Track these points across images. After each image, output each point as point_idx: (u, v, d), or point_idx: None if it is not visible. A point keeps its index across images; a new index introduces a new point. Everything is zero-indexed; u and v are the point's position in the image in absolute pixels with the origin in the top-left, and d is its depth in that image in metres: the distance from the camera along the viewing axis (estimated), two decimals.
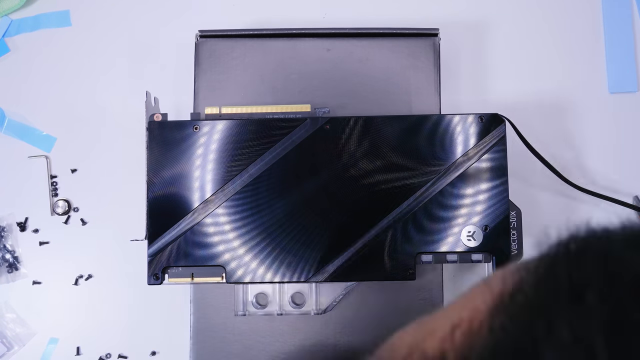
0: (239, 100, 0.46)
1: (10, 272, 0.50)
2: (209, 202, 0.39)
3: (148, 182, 0.39)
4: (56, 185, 0.51)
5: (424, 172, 0.39)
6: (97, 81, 0.53)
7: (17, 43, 0.53)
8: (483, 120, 0.40)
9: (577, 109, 0.53)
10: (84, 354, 0.50)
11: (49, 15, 0.53)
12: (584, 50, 0.53)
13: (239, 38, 0.46)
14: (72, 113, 0.52)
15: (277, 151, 0.39)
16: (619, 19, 0.53)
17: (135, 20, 0.54)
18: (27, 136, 0.52)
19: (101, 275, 0.51)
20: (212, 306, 0.45)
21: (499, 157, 0.39)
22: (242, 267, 0.39)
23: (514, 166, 0.50)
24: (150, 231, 0.39)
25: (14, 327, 0.50)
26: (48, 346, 0.50)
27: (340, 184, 0.39)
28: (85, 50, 0.53)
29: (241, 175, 0.39)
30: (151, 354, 0.50)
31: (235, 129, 0.39)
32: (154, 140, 0.39)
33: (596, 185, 0.52)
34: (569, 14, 0.54)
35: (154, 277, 0.39)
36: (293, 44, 0.47)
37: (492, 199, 0.39)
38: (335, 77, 0.46)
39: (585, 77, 0.53)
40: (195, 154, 0.39)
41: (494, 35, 0.54)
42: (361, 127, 0.39)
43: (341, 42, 0.47)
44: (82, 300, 0.51)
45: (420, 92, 0.46)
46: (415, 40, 0.47)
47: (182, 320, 0.48)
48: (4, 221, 0.51)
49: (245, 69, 0.46)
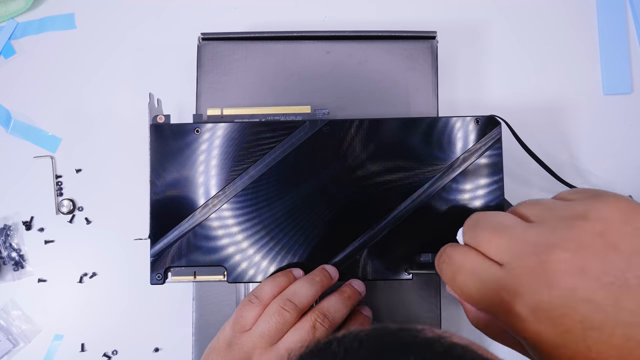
0: (241, 102, 0.46)
1: (16, 270, 0.51)
2: (210, 203, 0.39)
3: (151, 184, 0.39)
4: (61, 185, 0.52)
5: (421, 174, 0.39)
6: (102, 83, 0.53)
7: (23, 45, 0.53)
8: (479, 123, 0.39)
9: (572, 110, 0.53)
10: (89, 351, 0.50)
11: (54, 18, 0.54)
12: (579, 53, 0.54)
13: (240, 41, 0.46)
14: (77, 114, 0.53)
15: (277, 153, 0.39)
16: (614, 21, 0.54)
17: (139, 23, 0.54)
18: (32, 137, 0.52)
19: (105, 273, 0.51)
20: (214, 304, 0.45)
21: (495, 158, 0.39)
22: (243, 266, 0.39)
23: (510, 166, 0.50)
24: (153, 231, 0.39)
25: (19, 324, 0.51)
26: (53, 342, 0.50)
27: (339, 185, 0.39)
28: (90, 53, 0.53)
29: (242, 177, 0.39)
30: (154, 351, 0.51)
31: (235, 131, 0.39)
32: (156, 143, 0.39)
33: (591, 185, 0.52)
34: (564, 17, 0.54)
35: (156, 277, 0.39)
36: (293, 47, 0.47)
37: (487, 199, 0.39)
38: (335, 79, 0.46)
39: (580, 79, 0.53)
40: (196, 156, 0.39)
41: (490, 37, 0.54)
42: (359, 130, 0.39)
43: (341, 44, 0.47)
44: (86, 298, 0.51)
45: (418, 93, 0.46)
46: (414, 42, 0.47)
47: (185, 317, 0.49)
48: (10, 220, 0.51)
49: (246, 71, 0.46)
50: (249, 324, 0.36)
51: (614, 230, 0.24)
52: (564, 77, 0.53)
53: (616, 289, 0.23)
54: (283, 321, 0.35)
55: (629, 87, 0.53)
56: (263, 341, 0.35)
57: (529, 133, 0.52)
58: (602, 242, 0.24)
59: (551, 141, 0.52)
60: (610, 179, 0.52)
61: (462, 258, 0.29)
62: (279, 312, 0.35)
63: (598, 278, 0.24)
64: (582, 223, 0.25)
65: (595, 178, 0.52)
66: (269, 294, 0.36)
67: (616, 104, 0.53)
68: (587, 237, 0.25)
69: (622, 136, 0.53)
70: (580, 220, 0.25)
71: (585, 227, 0.25)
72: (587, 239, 0.25)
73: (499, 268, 0.27)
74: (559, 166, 0.52)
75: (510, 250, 0.27)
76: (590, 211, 0.26)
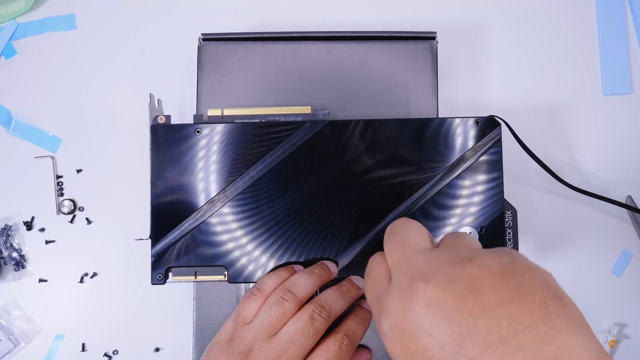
0: (241, 102, 0.46)
1: (17, 270, 0.51)
2: (211, 203, 0.39)
3: (151, 184, 0.39)
4: (62, 185, 0.52)
5: (421, 174, 0.39)
6: (102, 83, 0.53)
7: (24, 46, 0.54)
8: (479, 123, 0.40)
9: (571, 111, 0.53)
10: (89, 350, 0.51)
11: (54, 19, 0.54)
12: (579, 53, 0.54)
13: (240, 41, 0.46)
14: (77, 114, 0.53)
15: (277, 153, 0.39)
16: (613, 22, 0.54)
17: (140, 24, 0.54)
18: (33, 137, 0.52)
19: (106, 274, 0.51)
20: (214, 303, 0.45)
21: (495, 159, 0.39)
22: (243, 267, 0.39)
23: (510, 166, 0.50)
24: (154, 231, 0.39)
25: (20, 324, 0.51)
26: (54, 342, 0.51)
27: (340, 185, 0.39)
28: (91, 53, 0.53)
29: (242, 177, 0.39)
30: (155, 351, 0.51)
31: (236, 132, 0.39)
32: (157, 143, 0.39)
33: (590, 185, 0.52)
34: (564, 17, 0.54)
35: (157, 277, 0.39)
36: (294, 47, 0.47)
37: (487, 200, 0.39)
38: (335, 79, 0.46)
39: (579, 79, 0.53)
40: (197, 156, 0.39)
41: (490, 38, 0.54)
42: (359, 130, 0.39)
43: (341, 45, 0.47)
44: (87, 298, 0.51)
45: (418, 93, 0.46)
46: (414, 43, 0.47)
47: (185, 317, 0.49)
48: (11, 220, 0.51)
49: (247, 71, 0.46)
50: (250, 316, 0.36)
51: (487, 279, 0.24)
52: (564, 77, 0.53)
53: (463, 333, 0.23)
54: (282, 311, 0.35)
55: (629, 87, 0.53)
56: (263, 332, 0.35)
57: (529, 133, 0.52)
58: (468, 285, 0.24)
59: (551, 141, 0.52)
60: (610, 179, 0.52)
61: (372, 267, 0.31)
62: (278, 302, 0.35)
63: (449, 315, 0.23)
64: (465, 264, 0.25)
65: (595, 178, 0.52)
66: (270, 286, 0.37)
67: (616, 104, 0.53)
68: (459, 277, 0.24)
69: (622, 136, 0.53)
70: (466, 261, 0.25)
71: (464, 267, 0.25)
72: (457, 278, 0.24)
73: (388, 283, 0.28)
74: (559, 166, 0.52)
75: (397, 267, 0.28)
76: (479, 258, 0.25)
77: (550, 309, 0.22)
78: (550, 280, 0.24)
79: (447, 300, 0.24)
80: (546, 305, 0.23)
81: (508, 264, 0.25)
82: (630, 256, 0.52)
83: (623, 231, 0.52)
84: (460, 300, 0.23)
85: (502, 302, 0.23)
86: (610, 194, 0.52)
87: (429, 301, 0.24)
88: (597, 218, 0.52)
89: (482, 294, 0.23)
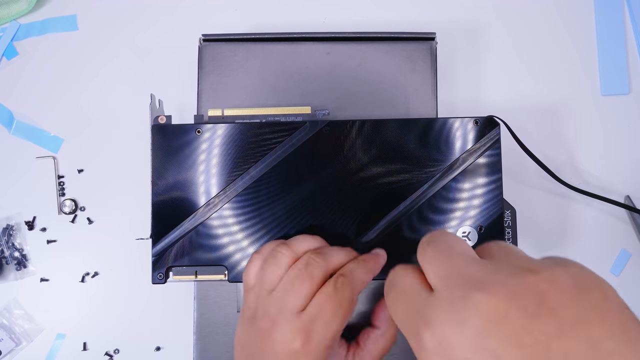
0: (241, 102, 0.46)
1: (19, 269, 0.51)
2: (212, 203, 0.39)
3: (152, 184, 0.39)
4: (63, 185, 0.52)
5: (420, 174, 0.39)
6: (103, 84, 0.53)
7: (26, 47, 0.54)
8: (478, 124, 0.40)
9: (570, 111, 0.53)
10: (91, 349, 0.51)
11: (56, 20, 0.54)
12: (577, 54, 0.54)
13: (241, 42, 0.46)
14: (79, 115, 0.53)
15: (277, 154, 0.39)
16: (611, 22, 0.54)
17: (141, 24, 0.54)
18: (35, 137, 0.53)
19: (107, 273, 0.52)
20: (215, 303, 0.45)
21: (494, 159, 0.39)
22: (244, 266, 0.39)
23: (509, 166, 0.50)
24: (154, 231, 0.39)
25: (22, 323, 0.51)
26: (55, 342, 0.51)
27: (340, 185, 0.39)
28: (92, 54, 0.54)
29: (243, 177, 0.39)
30: (156, 350, 0.51)
31: (236, 132, 0.39)
32: (158, 143, 0.39)
33: (589, 185, 0.52)
34: (562, 18, 0.54)
35: (158, 276, 0.39)
36: (294, 48, 0.47)
37: (486, 200, 0.39)
38: (335, 80, 0.46)
39: (578, 79, 0.53)
40: (197, 156, 0.39)
41: (489, 39, 0.54)
42: (359, 130, 0.39)
43: (341, 45, 0.47)
44: (88, 297, 0.51)
45: (418, 94, 0.46)
46: (413, 44, 0.47)
47: (186, 316, 0.49)
48: (13, 220, 0.52)
49: (247, 72, 0.46)
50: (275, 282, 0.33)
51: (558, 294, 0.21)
52: (562, 77, 0.54)
53: (534, 353, 0.20)
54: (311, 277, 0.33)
55: (627, 87, 0.53)
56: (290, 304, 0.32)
57: (528, 133, 0.52)
58: (537, 300, 0.21)
59: (550, 141, 0.53)
60: (608, 179, 0.52)
61: (399, 277, 0.28)
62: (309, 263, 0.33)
63: (517, 333, 0.20)
64: (528, 275, 0.22)
65: (593, 178, 0.52)
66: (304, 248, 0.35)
67: (614, 105, 0.53)
68: (524, 289, 0.21)
69: (620, 136, 0.53)
70: (529, 272, 0.22)
71: (528, 279, 0.22)
72: (522, 291, 0.21)
73: (428, 294, 0.25)
74: (558, 166, 0.52)
75: (445, 278, 0.25)
76: (544, 270, 0.22)
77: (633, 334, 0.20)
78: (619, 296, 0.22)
79: (513, 315, 0.21)
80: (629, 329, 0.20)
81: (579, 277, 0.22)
82: (629, 256, 0.52)
83: (622, 231, 0.52)
84: (530, 316, 0.21)
85: (580, 323, 0.20)
86: (608, 193, 0.52)
87: (491, 316, 0.21)
88: (595, 218, 0.52)
89: (555, 311, 0.21)
